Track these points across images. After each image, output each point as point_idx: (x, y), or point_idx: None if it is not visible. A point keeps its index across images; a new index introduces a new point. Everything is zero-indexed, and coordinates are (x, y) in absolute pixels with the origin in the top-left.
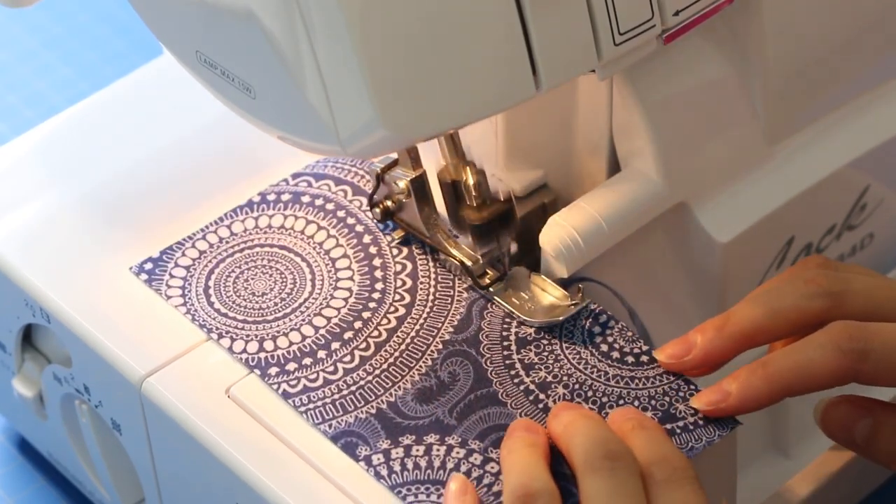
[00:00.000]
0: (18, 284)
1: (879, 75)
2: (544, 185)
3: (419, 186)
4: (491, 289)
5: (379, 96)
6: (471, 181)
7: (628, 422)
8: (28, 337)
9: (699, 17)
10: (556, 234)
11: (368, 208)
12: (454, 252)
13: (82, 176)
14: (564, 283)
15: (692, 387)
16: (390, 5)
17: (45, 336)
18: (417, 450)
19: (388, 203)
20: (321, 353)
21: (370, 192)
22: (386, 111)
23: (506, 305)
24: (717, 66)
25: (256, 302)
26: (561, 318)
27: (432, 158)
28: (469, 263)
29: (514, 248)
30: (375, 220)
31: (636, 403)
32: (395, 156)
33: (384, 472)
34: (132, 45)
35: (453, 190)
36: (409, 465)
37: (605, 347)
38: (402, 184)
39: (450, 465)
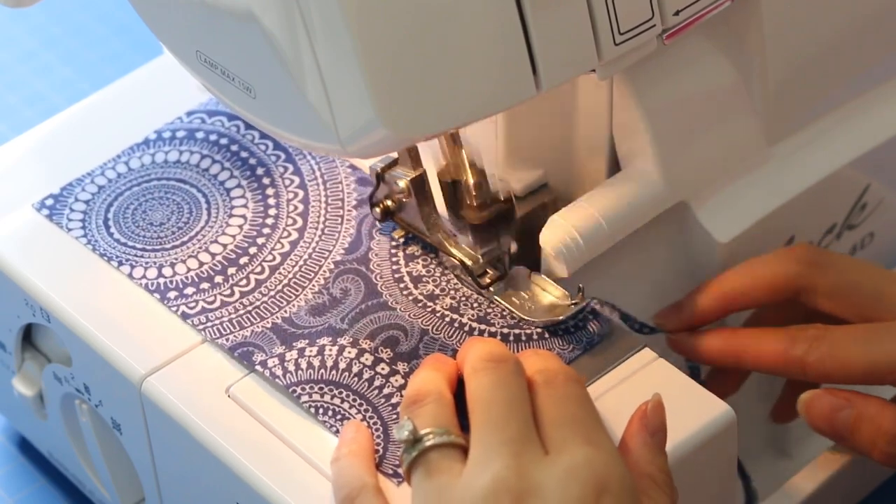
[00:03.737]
0: (18, 284)
1: (879, 75)
2: (544, 185)
3: (419, 186)
4: (491, 288)
5: (379, 96)
6: (471, 181)
7: (525, 352)
8: (28, 336)
9: (699, 17)
10: (556, 233)
11: (263, 141)
12: (454, 252)
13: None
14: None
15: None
16: (390, 5)
17: (45, 335)
18: (311, 351)
19: (389, 203)
20: (218, 279)
21: (371, 191)
22: (386, 111)
23: (506, 305)
24: (716, 66)
25: (155, 231)
26: (561, 318)
27: (432, 158)
28: (469, 263)
29: (514, 247)
30: (375, 219)
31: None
32: (395, 155)
33: (279, 372)
34: (132, 45)
35: (453, 190)
36: (303, 365)
37: None
38: (403, 183)
39: (342, 365)
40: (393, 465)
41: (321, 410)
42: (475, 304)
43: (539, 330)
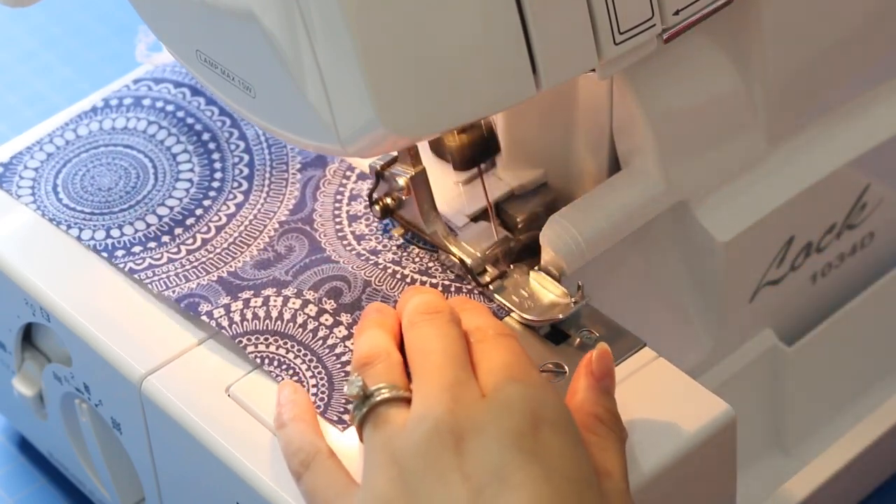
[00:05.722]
0: (18, 284)
1: (879, 75)
2: (544, 184)
3: (419, 184)
4: (491, 286)
5: (379, 96)
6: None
7: (456, 302)
8: (28, 336)
9: (699, 17)
10: (556, 232)
11: (208, 108)
12: (454, 249)
13: None
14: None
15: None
16: (390, 5)
17: (45, 335)
18: (256, 301)
19: (388, 200)
20: (165, 238)
21: (370, 189)
22: (386, 111)
23: (505, 303)
24: (717, 65)
25: (103, 196)
26: (561, 317)
27: (432, 157)
28: (469, 261)
29: (513, 246)
30: (375, 217)
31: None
32: (394, 153)
33: (225, 322)
34: (132, 45)
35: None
36: (249, 316)
37: None
38: (402, 181)
39: (287, 316)
40: (337, 412)
41: (266, 361)
42: (417, 259)
43: (480, 288)
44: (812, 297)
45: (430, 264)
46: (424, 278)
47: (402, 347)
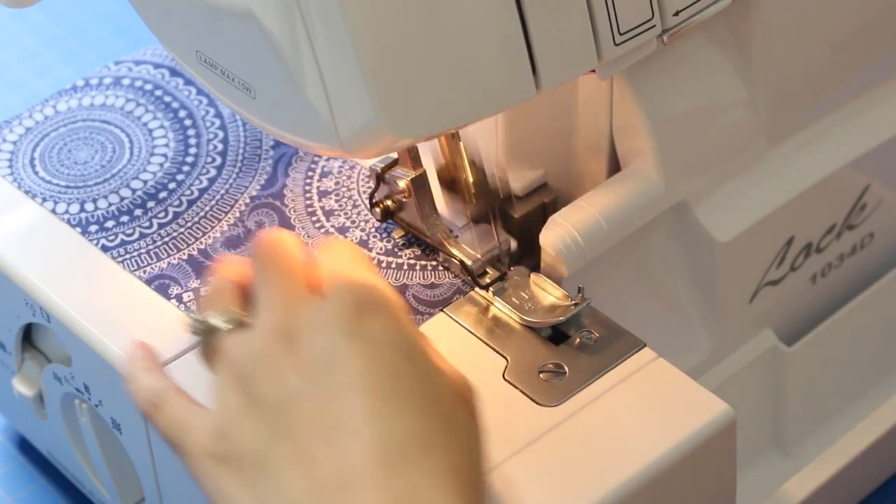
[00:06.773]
0: (18, 284)
1: (879, 75)
2: (544, 184)
3: (420, 186)
4: (491, 288)
5: (379, 96)
6: (470, 178)
7: (325, 243)
8: (28, 336)
9: (699, 17)
10: (556, 233)
11: (187, 87)
12: (454, 251)
13: None
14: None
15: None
16: (390, 5)
17: (45, 335)
18: None
19: (389, 203)
20: (137, 212)
21: (370, 191)
22: (386, 111)
23: (505, 305)
24: (717, 65)
25: (79, 169)
26: (562, 319)
27: (432, 157)
28: (469, 263)
29: (514, 247)
30: (376, 220)
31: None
32: (395, 155)
33: (193, 306)
34: (132, 45)
35: (452, 186)
36: None
37: None
38: (403, 183)
39: None
40: None
41: None
42: (384, 237)
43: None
44: (812, 298)
45: (399, 240)
46: (390, 258)
47: None
